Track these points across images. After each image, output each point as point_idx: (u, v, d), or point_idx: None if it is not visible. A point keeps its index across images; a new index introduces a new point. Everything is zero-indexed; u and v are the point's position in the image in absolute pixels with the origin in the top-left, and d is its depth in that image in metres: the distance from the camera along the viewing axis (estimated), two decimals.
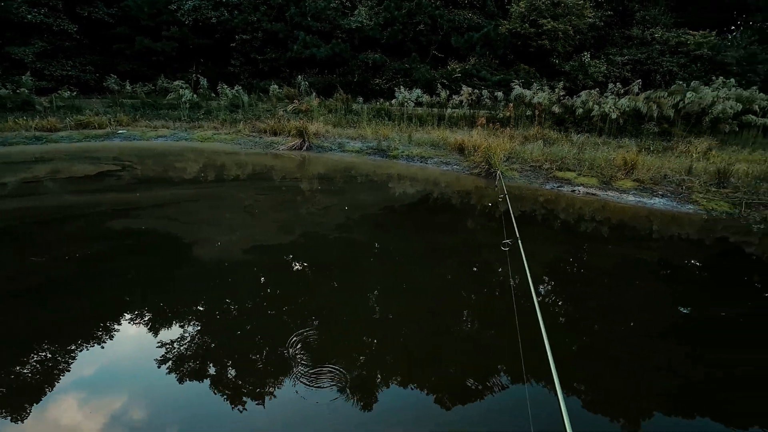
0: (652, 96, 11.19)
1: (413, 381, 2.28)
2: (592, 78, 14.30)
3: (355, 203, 6.18)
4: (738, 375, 2.42)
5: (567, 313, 3.17)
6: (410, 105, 13.61)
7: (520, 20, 15.44)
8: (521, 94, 12.82)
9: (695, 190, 6.45)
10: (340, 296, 3.26)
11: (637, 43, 15.56)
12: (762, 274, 4.02)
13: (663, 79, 14.00)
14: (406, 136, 11.14)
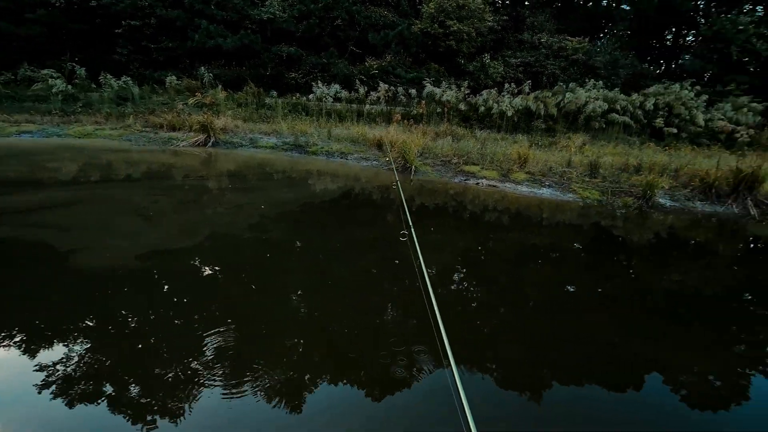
0: (539, 96, 12.73)
1: (339, 378, 2.27)
2: (491, 78, 15.70)
3: (271, 201, 5.90)
4: (619, 343, 2.90)
5: (470, 293, 3.46)
6: (329, 100, 13.44)
7: (431, 21, 16.22)
8: (432, 92, 13.54)
9: (574, 181, 7.54)
10: (257, 298, 3.09)
11: (528, 47, 17.42)
12: (626, 252, 4.88)
13: (548, 80, 15.97)
14: (325, 131, 10.97)
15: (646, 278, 4.03)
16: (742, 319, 3.26)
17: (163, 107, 12.29)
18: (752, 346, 2.84)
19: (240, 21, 16.29)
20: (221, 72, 15.45)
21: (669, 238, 5.42)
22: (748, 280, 4.14)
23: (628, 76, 16.15)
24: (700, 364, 2.57)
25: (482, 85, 15.19)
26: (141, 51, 15.82)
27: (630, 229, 5.66)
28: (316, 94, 13.59)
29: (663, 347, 2.77)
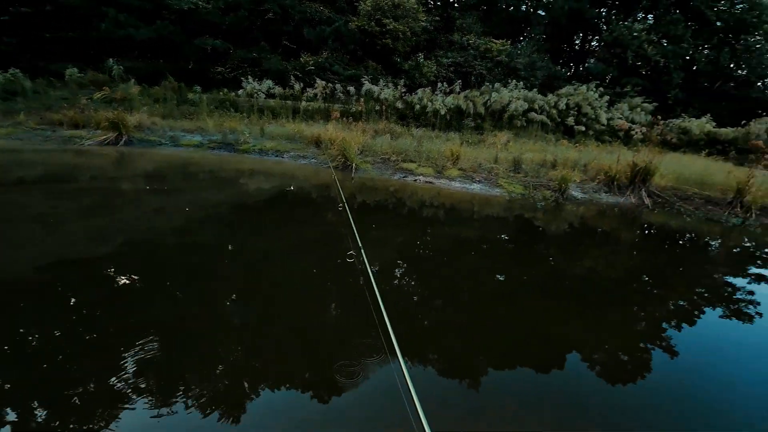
0: (469, 95, 13.45)
1: (282, 383, 2.18)
2: (425, 77, 16.22)
3: (197, 203, 5.47)
4: (543, 327, 3.17)
5: (411, 287, 3.55)
6: (261, 96, 12.83)
7: (368, 18, 16.23)
8: (370, 89, 13.61)
9: (500, 176, 8.10)
10: (182, 307, 2.84)
11: (458, 47, 18.25)
12: (546, 241, 5.37)
13: (476, 80, 16.93)
14: (257, 128, 10.47)
15: (563, 265, 4.48)
16: (640, 298, 3.78)
17: (63, 102, 10.77)
18: (650, 323, 3.31)
19: (156, 10, 14.81)
20: (134, 65, 13.95)
21: (581, 227, 6.08)
22: (644, 263, 4.81)
23: (545, 78, 17.73)
24: (610, 342, 2.93)
25: (417, 83, 15.61)
26: (33, 40, 13.67)
27: (549, 220, 6.24)
28: (246, 90, 12.89)
29: (579, 328, 3.10)
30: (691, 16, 19.51)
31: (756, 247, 5.58)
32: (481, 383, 2.34)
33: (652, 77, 18.76)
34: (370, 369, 2.33)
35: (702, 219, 6.55)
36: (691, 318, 3.36)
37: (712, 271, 4.57)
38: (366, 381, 2.25)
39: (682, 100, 19.02)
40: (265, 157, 9.26)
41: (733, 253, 5.36)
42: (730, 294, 3.83)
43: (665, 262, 4.88)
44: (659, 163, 7.27)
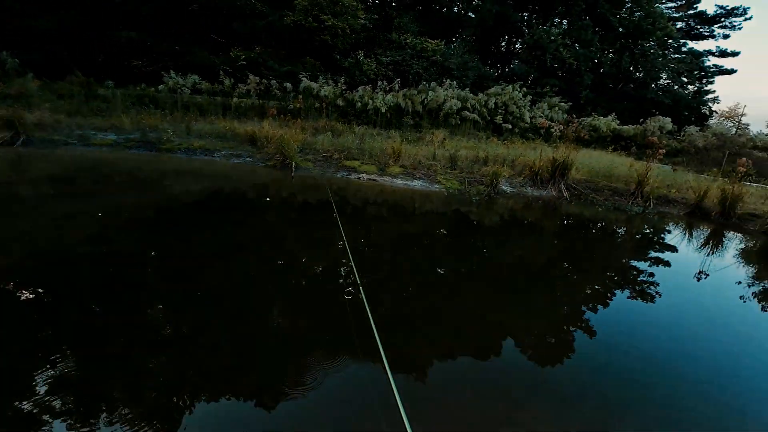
0: (407, 94, 13.74)
1: (220, 396, 2.05)
2: (366, 75, 16.23)
3: (113, 207, 4.92)
4: (482, 314, 3.36)
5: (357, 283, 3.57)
6: (186, 92, 11.87)
7: (304, 14, 15.73)
8: (309, 86, 13.27)
9: (439, 173, 8.44)
10: (96, 322, 2.54)
11: (396, 46, 18.53)
12: (481, 233, 5.72)
13: (414, 79, 17.35)
14: (183, 126, 9.68)
15: (497, 255, 4.82)
16: (562, 283, 4.21)
17: None
18: (571, 305, 3.70)
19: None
20: (33, 57, 12.09)
21: (510, 219, 6.58)
22: (564, 251, 5.35)
23: (475, 78, 18.72)
24: (539, 325, 3.22)
25: (357, 81, 15.56)
26: None
27: (483, 213, 6.66)
28: (168, 85, 11.85)
29: (509, 313, 3.37)
30: (598, 22, 21.89)
31: (654, 233, 6.50)
32: (427, 373, 2.45)
33: (566, 78, 20.77)
34: (325, 367, 2.32)
35: (610, 208, 7.45)
36: (604, 299, 3.82)
37: (619, 256, 5.23)
38: (325, 381, 2.23)
39: (592, 100, 21.35)
40: (193, 157, 8.62)
41: (635, 239, 6.18)
42: (635, 276, 4.43)
43: (582, 249, 5.49)
44: (575, 158, 8.11)
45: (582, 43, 20.98)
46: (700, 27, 27.26)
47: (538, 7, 23.18)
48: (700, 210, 7.23)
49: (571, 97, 18.07)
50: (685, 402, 2.37)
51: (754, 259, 5.47)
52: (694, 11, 26.91)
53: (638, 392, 2.43)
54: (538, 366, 2.65)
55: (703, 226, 6.89)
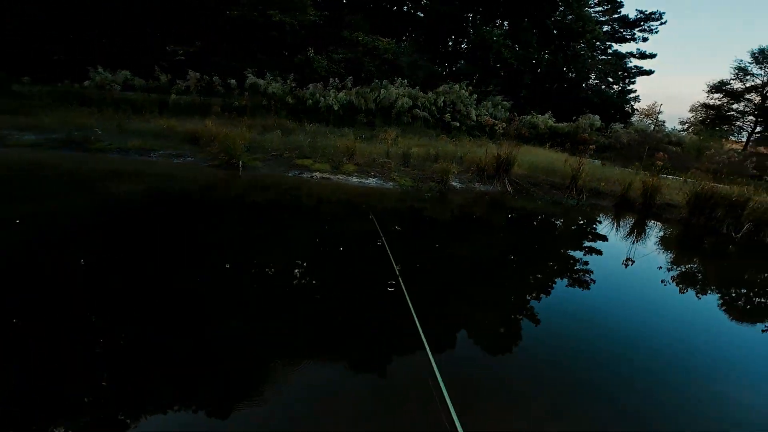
0: (360, 91, 13.74)
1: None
2: (316, 72, 15.94)
3: (33, 214, 4.41)
4: (440, 307, 3.48)
5: (311, 284, 3.53)
6: (116, 88, 10.89)
7: (250, 8, 15.01)
8: (256, 83, 12.76)
9: (393, 170, 8.56)
10: (23, 332, 2.28)
11: (347, 44, 18.38)
12: (435, 228, 5.90)
13: (366, 77, 17.36)
14: (114, 124, 8.89)
15: (450, 249, 5.02)
16: (509, 274, 4.49)
17: None
18: (518, 295, 3.95)
19: None
20: None
21: (460, 214, 6.86)
22: (510, 243, 5.70)
23: (425, 76, 19.16)
24: (489, 316, 3.41)
25: (308, 78, 15.22)
26: None
27: (435, 209, 6.88)
28: (96, 81, 10.80)
29: (464, 306, 3.53)
30: (535, 24, 23.33)
31: (587, 224, 7.12)
32: (387, 370, 2.51)
33: (508, 78, 21.96)
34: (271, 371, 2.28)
35: (549, 202, 8.05)
36: (548, 288, 4.13)
37: (559, 246, 5.68)
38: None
39: (531, 99, 22.78)
40: (128, 157, 7.96)
41: (572, 230, 6.74)
42: (572, 265, 4.83)
43: (525, 240, 5.88)
44: (516, 154, 8.63)
45: (521, 44, 22.25)
46: (623, 30, 30.10)
47: (482, 8, 24.17)
48: (625, 201, 8.04)
49: (512, 96, 19.14)
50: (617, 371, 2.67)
51: (671, 246, 6.21)
52: (618, 15, 29.63)
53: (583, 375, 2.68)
54: (491, 356, 2.82)
55: (629, 216, 7.68)
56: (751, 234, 6.52)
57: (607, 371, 2.72)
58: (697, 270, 5.22)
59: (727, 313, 3.85)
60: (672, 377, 2.71)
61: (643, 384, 2.58)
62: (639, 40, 30.18)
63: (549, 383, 2.54)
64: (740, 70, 28.48)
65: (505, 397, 2.39)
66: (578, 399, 2.42)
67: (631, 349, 3.02)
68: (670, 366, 2.83)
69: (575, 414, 2.29)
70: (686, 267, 5.26)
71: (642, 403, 2.40)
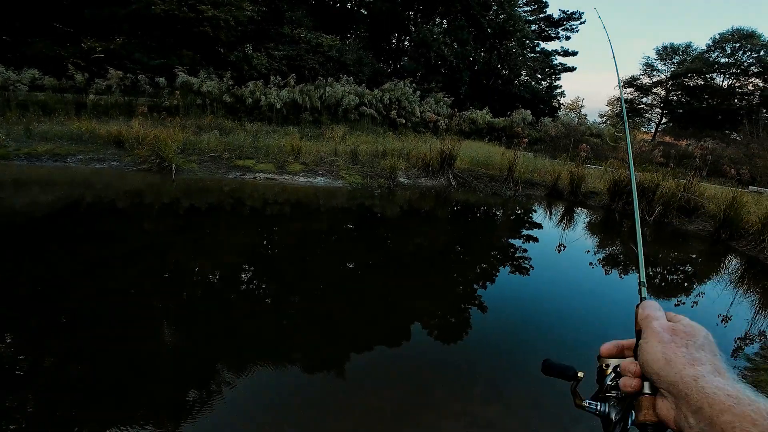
0: (304, 89, 13.41)
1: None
2: (256, 69, 15.26)
3: None
4: (392, 300, 3.51)
5: (258, 288, 3.41)
6: (22, 88, 9.60)
7: (177, 2, 13.86)
8: (188, 81, 11.92)
9: (341, 168, 8.51)
10: None
11: (289, 40, 17.78)
12: (384, 224, 5.96)
13: (310, 74, 16.97)
14: (20, 128, 7.83)
15: (399, 244, 5.12)
16: (455, 264, 4.68)
17: None
18: (464, 284, 4.14)
19: None
20: None
21: (409, 209, 7.03)
22: (454, 235, 5.95)
23: (371, 74, 19.21)
24: (439, 307, 3.54)
25: (246, 76, 14.51)
26: None
27: (385, 205, 6.97)
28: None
29: (413, 298, 3.63)
30: (471, 22, 24.37)
31: (524, 213, 7.65)
32: (345, 367, 2.52)
33: (448, 75, 22.77)
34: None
35: (489, 194, 8.52)
36: (490, 275, 4.38)
37: (499, 235, 6.04)
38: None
39: (470, 95, 23.87)
40: (38, 164, 7.08)
41: (510, 219, 7.20)
42: (512, 252, 5.17)
43: (470, 231, 6.18)
44: (459, 149, 9.01)
45: (460, 42, 23.16)
46: (548, 29, 32.54)
47: (422, 6, 24.73)
48: (556, 191, 8.75)
49: (452, 93, 19.87)
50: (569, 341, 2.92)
51: (596, 229, 6.88)
52: (543, 15, 31.93)
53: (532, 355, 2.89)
54: (444, 344, 2.94)
55: (559, 204, 8.38)
56: (661, 216, 7.42)
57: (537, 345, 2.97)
58: (619, 252, 5.85)
59: (649, 292, 4.37)
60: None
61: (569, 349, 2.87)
62: (563, 38, 32.83)
63: (491, 369, 2.72)
64: (648, 66, 32.29)
65: (450, 379, 2.51)
66: (515, 377, 2.61)
67: (566, 330, 3.32)
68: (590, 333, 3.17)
69: (514, 392, 2.47)
70: (610, 250, 5.86)
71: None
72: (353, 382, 2.42)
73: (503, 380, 2.56)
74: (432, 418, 2.17)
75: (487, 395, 2.41)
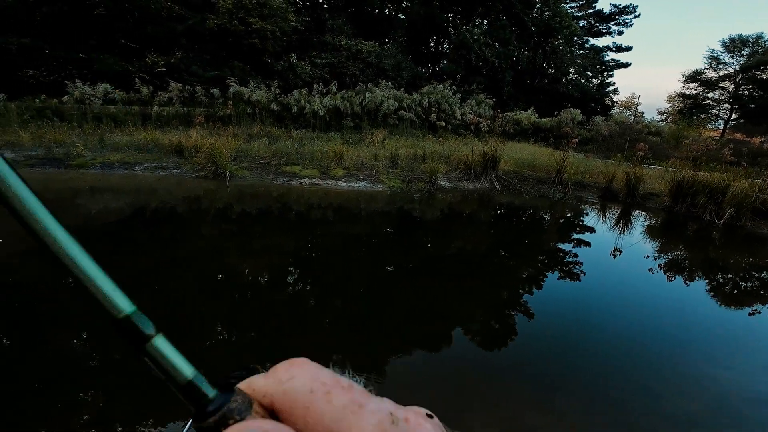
0: (345, 95, 13.74)
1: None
2: (300, 78, 15.92)
3: (13, 232, 4.31)
4: (430, 304, 3.50)
5: (305, 290, 3.53)
6: (96, 102, 10.72)
7: (229, 17, 14.90)
8: (239, 91, 12.67)
9: (381, 173, 8.59)
10: (7, 358, 2.23)
11: (330, 48, 18.39)
12: (424, 228, 5.93)
13: (350, 80, 17.39)
14: (95, 139, 8.74)
15: (441, 248, 5.06)
16: (500, 269, 4.54)
17: None
18: (510, 290, 4.01)
19: None
20: None
21: (450, 212, 6.92)
22: (500, 239, 5.77)
23: (409, 78, 19.29)
24: (482, 311, 3.46)
25: (292, 84, 15.18)
26: None
27: (425, 209, 6.92)
28: (74, 96, 10.63)
29: (455, 302, 3.57)
30: (514, 21, 23.69)
31: (574, 216, 7.25)
32: (385, 366, 2.53)
33: (490, 76, 22.25)
34: None
35: (536, 196, 8.17)
36: (537, 281, 4.20)
37: (548, 239, 5.77)
38: None
39: (513, 96, 23.12)
40: (110, 172, 7.83)
41: (559, 222, 6.85)
42: (561, 257, 4.92)
43: (515, 235, 5.96)
44: (502, 151, 8.75)
45: (501, 42, 22.56)
46: (598, 24, 30.78)
47: (461, 8, 24.45)
48: (610, 192, 8.21)
49: (495, 94, 19.38)
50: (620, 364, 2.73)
51: (657, 234, 6.37)
52: (593, 10, 30.29)
53: (582, 366, 2.73)
54: (485, 350, 2.85)
55: (614, 206, 7.85)
56: (732, 219, 6.71)
57: (597, 362, 2.78)
58: (684, 257, 5.36)
59: (717, 299, 3.97)
60: (664, 363, 2.78)
61: (639, 375, 2.65)
62: (615, 33, 30.88)
63: (539, 375, 2.59)
64: (713, 59, 29.46)
65: (494, 391, 2.43)
66: (569, 391, 2.47)
67: (622, 338, 3.09)
68: (662, 354, 2.91)
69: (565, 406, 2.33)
70: (673, 255, 5.40)
71: (635, 393, 2.46)
72: (393, 384, 2.42)
73: (552, 388, 2.43)
74: (477, 424, 2.11)
75: (535, 402, 2.30)
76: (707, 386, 2.55)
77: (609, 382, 2.53)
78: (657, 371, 2.66)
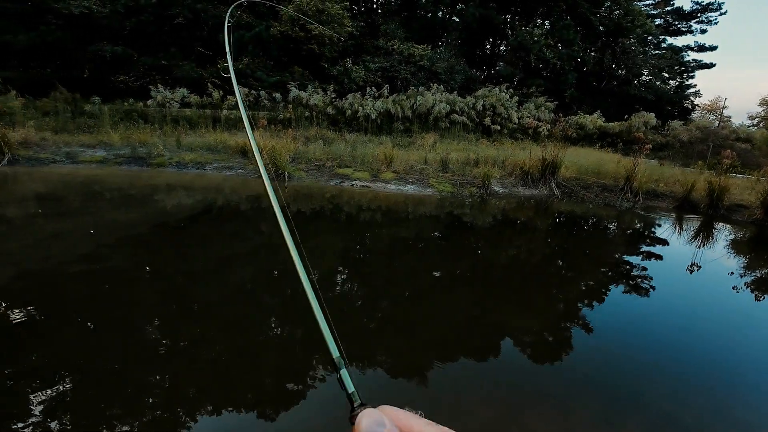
0: (397, 99, 13.85)
1: (228, 405, 2.04)
2: (354, 82, 16.34)
3: (104, 224, 4.87)
4: (477, 314, 3.39)
5: (354, 289, 3.58)
6: (174, 106, 11.85)
7: (291, 23, 15.80)
8: (299, 95, 13.31)
9: (431, 176, 8.50)
10: (94, 341, 2.51)
11: (383, 52, 18.69)
12: (475, 235, 5.76)
13: (402, 84, 17.50)
14: (173, 140, 9.64)
15: (492, 256, 4.86)
16: (557, 281, 4.26)
17: None
18: (567, 303, 3.74)
19: (40, 14, 12.90)
20: (14, 74, 12.00)
21: (504, 219, 6.64)
22: (558, 249, 5.41)
23: (462, 81, 18.94)
24: (536, 323, 3.26)
25: (346, 88, 15.63)
26: None
27: (476, 214, 6.71)
28: (157, 100, 11.85)
29: (507, 313, 3.40)
30: (579, 21, 22.33)
31: (644, 227, 6.61)
32: (429, 376, 2.47)
33: (551, 78, 21.12)
34: (319, 379, 2.31)
35: (601, 205, 7.57)
36: (599, 295, 3.87)
37: (613, 252, 5.31)
38: (314, 390, 2.23)
39: (577, 98, 21.72)
40: (184, 170, 8.58)
41: (626, 234, 6.28)
42: (628, 271, 4.50)
43: (576, 246, 5.56)
44: (563, 156, 8.23)
45: (564, 43, 21.36)
46: (677, 23, 27.94)
47: (521, 9, 23.57)
48: (688, 203, 7.37)
49: (556, 97, 18.35)
50: (693, 387, 2.42)
51: (745, 249, 5.59)
52: (671, 8, 27.57)
53: (645, 385, 2.47)
54: (537, 364, 2.68)
55: (693, 218, 7.03)
56: None
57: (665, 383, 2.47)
58: None
59: None
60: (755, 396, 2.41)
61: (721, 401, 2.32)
62: (697, 32, 27.83)
63: (595, 393, 2.36)
64: None
65: (551, 405, 2.25)
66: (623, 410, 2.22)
67: (701, 363, 2.73)
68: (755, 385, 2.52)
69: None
70: (764, 272, 4.69)
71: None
72: (438, 395, 2.34)
73: (612, 412, 2.20)
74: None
75: (593, 423, 2.09)
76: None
77: (686, 410, 2.24)
78: (753, 407, 2.30)
